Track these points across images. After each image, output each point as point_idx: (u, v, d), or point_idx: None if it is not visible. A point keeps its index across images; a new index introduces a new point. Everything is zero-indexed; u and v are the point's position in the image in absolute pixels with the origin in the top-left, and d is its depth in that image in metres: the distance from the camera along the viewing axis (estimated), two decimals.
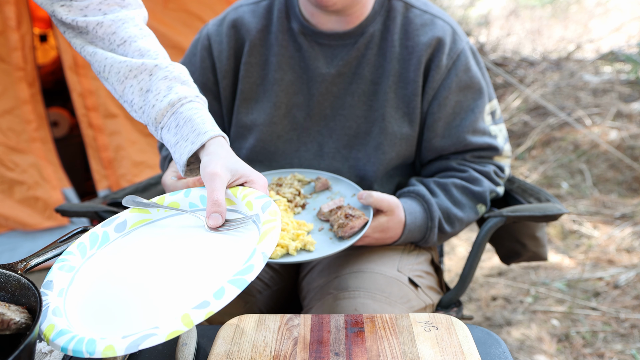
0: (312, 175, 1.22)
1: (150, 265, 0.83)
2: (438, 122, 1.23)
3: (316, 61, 1.25)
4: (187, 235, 0.88)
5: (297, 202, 1.15)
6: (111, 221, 0.93)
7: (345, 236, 1.04)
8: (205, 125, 0.93)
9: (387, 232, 1.13)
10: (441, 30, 1.22)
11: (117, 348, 0.67)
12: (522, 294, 2.46)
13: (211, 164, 0.87)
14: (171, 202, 0.95)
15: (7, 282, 0.76)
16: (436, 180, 1.23)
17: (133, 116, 1.01)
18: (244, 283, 0.71)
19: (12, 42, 2.64)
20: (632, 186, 3.34)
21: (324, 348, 0.81)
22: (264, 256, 0.74)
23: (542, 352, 2.08)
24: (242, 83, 1.28)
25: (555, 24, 6.59)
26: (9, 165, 2.72)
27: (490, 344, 0.85)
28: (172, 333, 0.67)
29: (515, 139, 4.09)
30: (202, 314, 0.68)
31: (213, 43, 1.29)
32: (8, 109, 2.72)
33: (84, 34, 1.01)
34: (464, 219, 1.22)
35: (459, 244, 2.95)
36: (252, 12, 1.29)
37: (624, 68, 4.86)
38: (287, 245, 1.01)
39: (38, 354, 0.83)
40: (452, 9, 7.13)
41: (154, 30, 1.08)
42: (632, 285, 2.42)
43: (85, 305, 0.79)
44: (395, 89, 1.22)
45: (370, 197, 1.09)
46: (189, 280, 0.77)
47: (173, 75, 0.97)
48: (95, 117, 2.82)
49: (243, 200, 0.88)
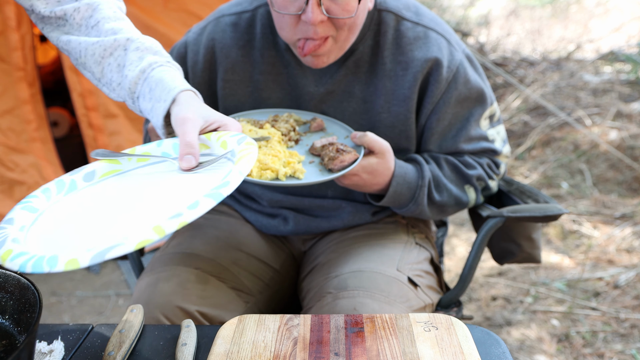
0: (308, 116, 1.22)
1: (122, 199, 0.80)
2: (434, 136, 1.22)
3: (304, 79, 1.21)
4: (161, 177, 0.85)
5: (291, 136, 1.16)
6: (79, 170, 0.90)
7: (334, 169, 1.06)
8: (175, 82, 0.92)
9: (375, 176, 1.13)
10: (436, 45, 1.18)
11: (80, 260, 0.62)
12: (522, 294, 2.46)
13: (182, 111, 0.86)
14: (143, 151, 0.92)
15: (6, 282, 0.76)
16: (429, 153, 1.24)
17: (112, 97, 1.00)
18: (220, 196, 0.68)
19: (12, 42, 2.64)
20: (632, 186, 3.34)
21: (323, 348, 0.81)
22: (241, 174, 0.72)
23: (542, 352, 2.08)
24: (225, 101, 1.24)
25: (555, 24, 6.59)
26: (9, 165, 2.72)
27: (490, 344, 0.85)
28: (141, 242, 0.63)
29: (515, 139, 4.09)
30: (175, 224, 0.65)
31: (189, 52, 1.25)
32: (8, 109, 2.72)
33: (62, 26, 1.01)
34: (452, 191, 1.22)
35: (459, 244, 2.95)
36: (234, 25, 1.24)
37: (624, 68, 4.86)
38: (277, 170, 1.03)
39: (38, 354, 0.83)
40: (452, 8, 7.13)
41: (154, 30, 1.09)
42: (632, 285, 2.42)
43: (48, 238, 0.75)
44: (388, 108, 1.20)
45: (365, 136, 1.10)
46: (162, 202, 0.75)
47: (145, 46, 0.97)
48: (95, 117, 2.82)
49: (217, 141, 0.86)
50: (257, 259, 1.25)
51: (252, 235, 1.30)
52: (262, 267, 1.25)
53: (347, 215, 1.27)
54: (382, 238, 1.24)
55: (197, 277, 1.12)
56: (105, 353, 0.82)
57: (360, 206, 1.27)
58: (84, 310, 2.53)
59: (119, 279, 2.78)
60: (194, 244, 1.22)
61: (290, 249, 1.35)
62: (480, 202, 1.30)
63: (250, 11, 1.25)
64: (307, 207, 1.28)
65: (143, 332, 0.90)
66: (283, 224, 1.29)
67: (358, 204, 1.27)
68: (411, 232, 1.30)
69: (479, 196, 1.27)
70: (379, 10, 1.20)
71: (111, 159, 0.92)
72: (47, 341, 0.87)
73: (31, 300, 0.72)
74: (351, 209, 1.27)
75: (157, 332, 0.90)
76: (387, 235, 1.26)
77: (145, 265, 1.27)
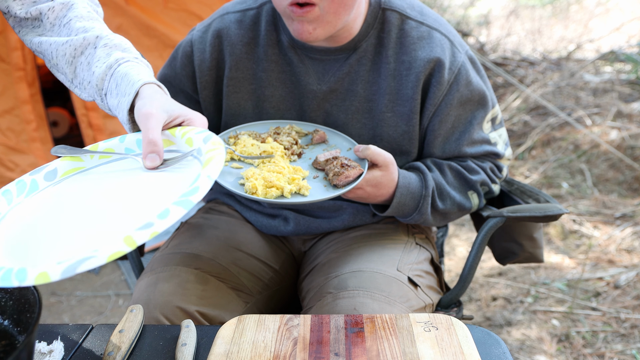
0: (310, 128, 1.22)
1: (87, 202, 0.78)
2: (437, 139, 1.22)
3: (307, 77, 1.22)
4: (126, 176, 0.83)
5: (294, 150, 1.15)
6: (39, 170, 0.87)
7: (339, 184, 1.06)
8: (140, 75, 0.90)
9: (380, 188, 1.13)
10: (439, 46, 1.18)
11: (51, 274, 0.60)
12: (522, 294, 2.46)
13: (145, 106, 0.84)
14: (105, 148, 0.90)
15: None
16: (433, 159, 1.24)
17: (83, 97, 0.97)
18: (190, 204, 0.67)
19: (12, 42, 2.64)
20: (632, 186, 3.34)
21: (323, 348, 0.81)
22: (210, 179, 0.71)
23: (543, 352, 2.08)
24: (228, 98, 1.24)
25: (555, 24, 6.59)
26: (8, 166, 2.72)
27: (490, 344, 0.85)
28: (113, 254, 0.61)
29: (515, 139, 4.09)
30: (146, 235, 0.63)
31: (195, 51, 1.25)
32: (8, 108, 2.72)
33: (37, 27, 1.00)
34: (455, 198, 1.21)
35: (459, 244, 2.95)
36: (239, 22, 1.24)
37: (624, 68, 4.86)
38: (283, 188, 1.03)
39: (37, 354, 0.83)
40: (452, 8, 7.13)
41: (154, 30, 1.09)
42: (633, 286, 2.42)
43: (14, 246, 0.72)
44: (392, 107, 1.20)
45: (367, 149, 1.10)
46: (131, 209, 0.73)
47: (113, 43, 0.95)
48: (95, 117, 2.82)
49: (182, 138, 0.84)
50: (257, 259, 1.25)
51: (252, 236, 1.30)
52: (262, 267, 1.25)
53: (348, 216, 1.27)
54: (382, 238, 1.24)
55: (196, 277, 1.12)
56: (105, 353, 0.82)
57: (361, 207, 1.27)
58: (83, 311, 2.53)
59: (118, 279, 2.78)
60: (194, 244, 1.21)
61: (290, 249, 1.35)
62: (483, 205, 1.30)
63: (255, 9, 1.25)
64: (308, 208, 1.28)
65: (143, 332, 0.90)
66: (283, 224, 1.29)
67: (359, 205, 1.27)
68: (411, 232, 1.30)
69: (481, 201, 1.27)
70: (383, 9, 1.20)
71: (73, 157, 0.89)
72: (47, 341, 0.87)
73: (31, 300, 0.72)
74: (352, 210, 1.27)
75: (156, 333, 0.90)
76: (387, 236, 1.26)
77: (145, 265, 1.27)
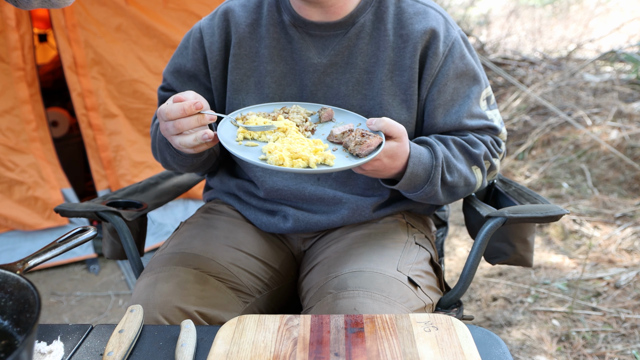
0: (315, 108, 1.24)
1: None
2: (438, 109, 1.26)
3: (307, 51, 1.27)
4: None
5: (307, 126, 1.16)
6: None
7: (362, 154, 1.07)
8: None
9: (395, 159, 1.14)
10: (434, 19, 1.25)
11: None
12: (522, 294, 2.46)
13: None
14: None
15: (5, 282, 0.76)
16: (436, 135, 1.27)
17: None
18: None
19: (11, 42, 2.64)
20: (632, 186, 3.34)
21: (323, 348, 0.81)
22: None
23: (543, 353, 2.08)
24: (232, 74, 1.30)
25: (555, 24, 6.59)
26: (8, 166, 2.72)
27: (491, 345, 0.85)
28: None
29: (515, 139, 4.09)
30: None
31: (205, 35, 1.32)
32: (7, 108, 2.71)
33: None
34: (462, 171, 1.24)
35: (459, 244, 2.95)
36: (243, 6, 1.32)
37: (624, 68, 4.86)
38: (308, 158, 1.04)
39: (37, 354, 0.83)
40: (452, 8, 7.14)
41: (154, 30, 1.09)
42: (633, 286, 2.42)
43: None
44: (391, 77, 1.25)
45: (382, 121, 1.11)
46: None
47: None
48: (94, 117, 2.82)
49: None
50: (256, 258, 1.25)
51: (251, 235, 1.30)
52: (262, 267, 1.25)
53: (347, 212, 1.27)
54: (382, 238, 1.24)
55: (196, 277, 1.12)
56: (104, 353, 0.82)
57: (361, 201, 1.27)
58: (83, 311, 2.53)
59: (118, 279, 2.78)
60: (193, 244, 1.21)
61: (290, 249, 1.35)
62: (486, 184, 1.32)
63: None
64: (307, 198, 1.28)
65: (142, 332, 0.90)
66: (282, 221, 1.29)
67: (358, 198, 1.27)
68: (411, 232, 1.30)
69: (484, 178, 1.30)
70: None
71: None
72: (47, 341, 0.87)
73: (30, 300, 0.72)
74: (350, 203, 1.27)
75: (156, 333, 0.90)
76: (387, 235, 1.26)
77: (145, 265, 1.27)
